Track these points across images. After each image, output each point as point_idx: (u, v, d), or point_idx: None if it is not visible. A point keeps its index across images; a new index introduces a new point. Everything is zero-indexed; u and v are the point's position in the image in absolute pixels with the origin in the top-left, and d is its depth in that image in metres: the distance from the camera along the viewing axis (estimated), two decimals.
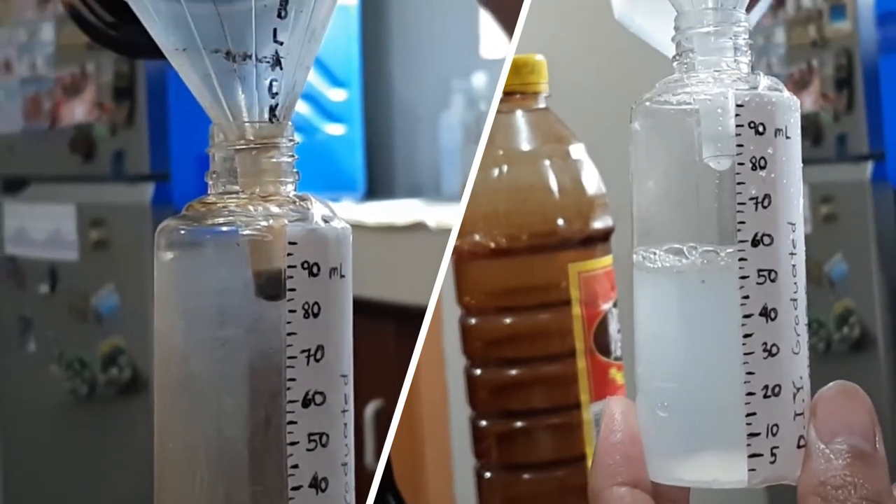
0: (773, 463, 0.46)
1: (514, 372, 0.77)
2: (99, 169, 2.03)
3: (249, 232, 0.45)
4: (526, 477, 0.77)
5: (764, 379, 0.46)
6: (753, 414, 0.46)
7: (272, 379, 0.45)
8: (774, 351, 0.46)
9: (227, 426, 0.46)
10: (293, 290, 0.45)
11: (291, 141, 0.47)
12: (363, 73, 2.48)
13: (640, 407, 0.48)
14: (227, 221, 0.46)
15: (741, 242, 0.46)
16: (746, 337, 0.46)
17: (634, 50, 0.59)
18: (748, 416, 0.46)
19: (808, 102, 1.92)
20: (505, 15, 0.78)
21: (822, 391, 0.47)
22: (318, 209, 0.46)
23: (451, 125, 2.30)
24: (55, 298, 2.11)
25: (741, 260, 0.46)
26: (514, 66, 0.79)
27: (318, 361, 0.45)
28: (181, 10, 0.46)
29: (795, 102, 0.47)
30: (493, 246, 0.77)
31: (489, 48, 2.29)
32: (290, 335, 0.44)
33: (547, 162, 0.77)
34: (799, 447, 0.46)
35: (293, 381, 0.44)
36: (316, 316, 0.45)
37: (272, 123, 0.47)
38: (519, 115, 0.79)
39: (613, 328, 0.77)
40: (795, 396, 0.46)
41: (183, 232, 0.46)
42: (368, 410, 1.73)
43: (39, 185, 2.16)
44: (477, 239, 0.77)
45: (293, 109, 0.47)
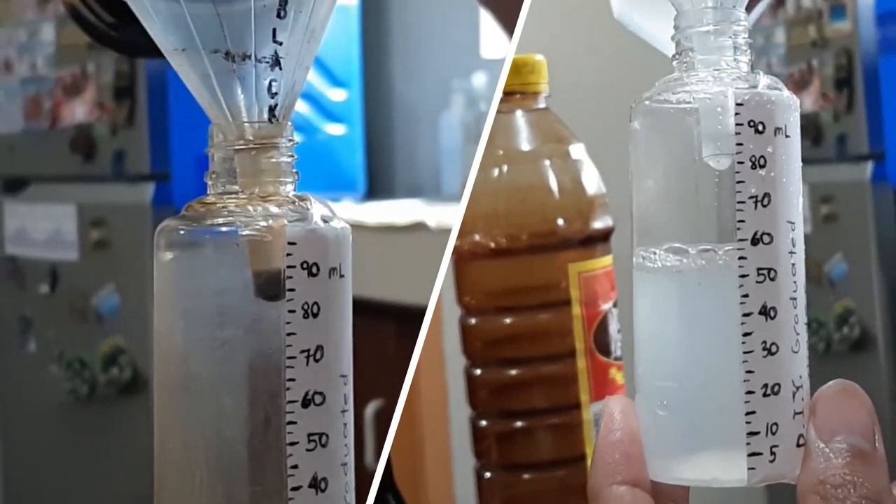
0: (772, 462, 0.46)
1: (514, 372, 0.77)
2: (99, 169, 2.03)
3: (249, 232, 0.45)
4: (526, 477, 0.77)
5: (763, 378, 0.46)
6: (753, 413, 0.46)
7: (272, 379, 0.45)
8: (774, 350, 0.46)
9: (226, 426, 0.46)
10: (293, 290, 0.44)
11: (291, 141, 0.47)
12: (363, 72, 2.48)
13: (639, 406, 0.48)
14: (226, 222, 0.46)
15: (741, 241, 0.46)
16: (746, 336, 0.46)
17: (634, 50, 0.59)
18: (748, 414, 0.46)
19: (808, 102, 1.92)
20: (505, 15, 0.78)
21: (821, 390, 0.47)
22: (317, 209, 0.46)
23: (451, 125, 2.30)
24: (55, 298, 2.11)
25: (741, 259, 0.46)
26: (514, 66, 0.79)
27: (317, 361, 0.45)
28: (180, 10, 0.46)
29: (795, 101, 0.47)
30: (493, 246, 0.77)
31: (489, 48, 2.29)
32: (289, 335, 0.44)
33: (547, 162, 0.77)
34: (798, 446, 0.46)
35: (293, 381, 0.44)
36: (315, 316, 0.45)
37: (271, 123, 0.47)
38: (519, 115, 0.79)
39: (613, 328, 0.77)
40: (795, 395, 0.46)
41: (182, 232, 0.46)
42: (368, 410, 1.73)
43: (40, 185, 2.16)
44: (477, 239, 0.77)
45: (292, 109, 0.47)
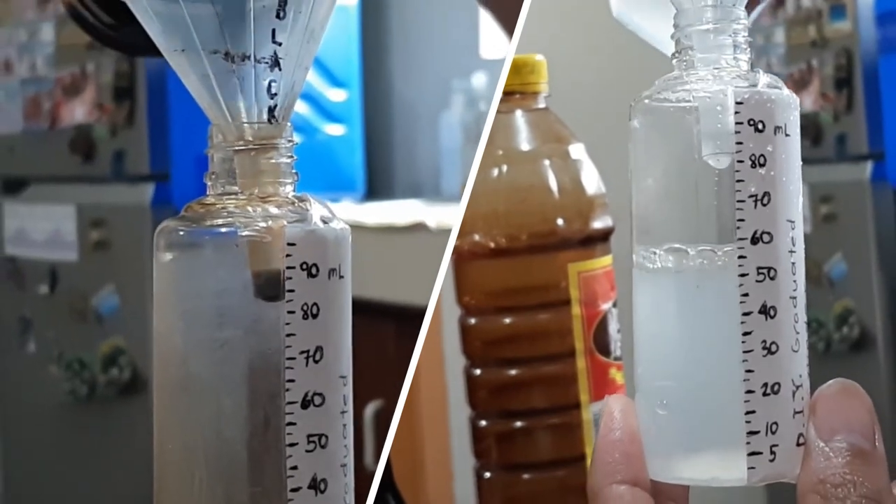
0: (772, 461, 0.46)
1: (513, 372, 0.77)
2: (99, 169, 2.03)
3: (248, 233, 0.45)
4: (526, 477, 0.76)
5: (763, 377, 0.46)
6: (753, 412, 0.46)
7: (271, 380, 0.45)
8: (774, 349, 0.46)
9: (226, 427, 0.46)
10: (292, 291, 0.44)
11: (290, 142, 0.47)
12: (363, 73, 2.48)
13: (639, 405, 0.48)
14: (226, 222, 0.46)
15: (740, 240, 0.46)
16: (746, 335, 0.46)
17: (634, 49, 0.59)
18: (747, 414, 0.46)
19: (807, 102, 1.92)
20: (505, 15, 0.78)
21: (821, 389, 0.47)
22: (316, 210, 0.46)
23: (450, 125, 2.30)
24: (55, 299, 2.11)
25: (740, 258, 0.46)
26: (513, 65, 0.78)
27: (317, 362, 0.45)
28: (180, 11, 0.46)
29: (795, 100, 0.47)
30: (492, 246, 0.77)
31: (489, 48, 2.29)
32: (289, 336, 0.44)
33: (546, 162, 0.77)
34: (798, 445, 0.46)
35: (292, 382, 0.44)
36: (315, 317, 0.45)
37: (271, 124, 0.47)
38: (519, 114, 0.79)
39: (613, 328, 0.76)
40: (795, 394, 0.46)
41: (182, 233, 0.46)
42: (368, 411, 1.73)
43: (39, 185, 2.16)
44: (477, 239, 0.77)
45: (292, 110, 0.47)
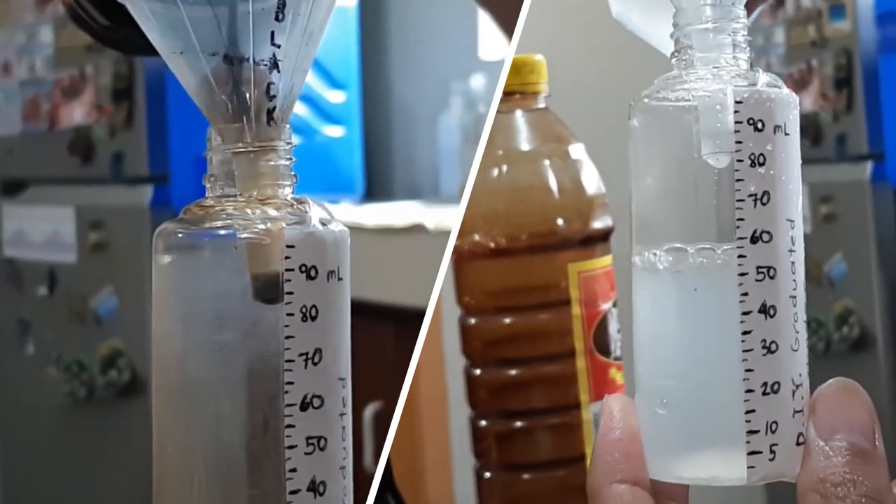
0: (772, 460, 0.46)
1: (513, 372, 0.77)
2: (98, 171, 2.03)
3: (247, 235, 0.45)
4: (526, 477, 0.76)
5: (763, 376, 0.46)
6: (752, 411, 0.46)
7: (270, 382, 0.45)
8: (773, 348, 0.46)
9: (225, 430, 0.46)
10: (291, 293, 0.44)
11: (289, 144, 0.47)
12: (362, 74, 2.48)
13: (639, 404, 0.48)
14: (224, 225, 0.46)
15: (740, 239, 0.46)
16: (745, 334, 0.46)
17: (634, 49, 0.59)
18: (747, 413, 0.46)
19: (807, 102, 1.92)
20: (503, 15, 0.78)
21: (821, 388, 0.47)
22: (315, 212, 0.46)
23: (449, 127, 2.30)
24: (54, 301, 2.11)
25: (740, 257, 0.46)
26: (513, 65, 0.78)
27: (315, 365, 0.45)
28: (178, 13, 0.46)
29: (794, 99, 0.47)
30: (492, 246, 0.77)
31: (488, 50, 2.29)
32: (287, 338, 0.44)
33: (546, 162, 0.77)
34: (798, 444, 0.46)
35: (291, 384, 0.44)
36: (314, 319, 0.45)
37: (270, 126, 0.47)
38: (519, 114, 0.79)
39: (613, 328, 0.76)
40: (794, 393, 0.46)
41: (181, 235, 0.46)
42: (367, 412, 1.72)
43: (38, 187, 2.16)
44: (477, 239, 0.77)
45: (291, 112, 0.47)
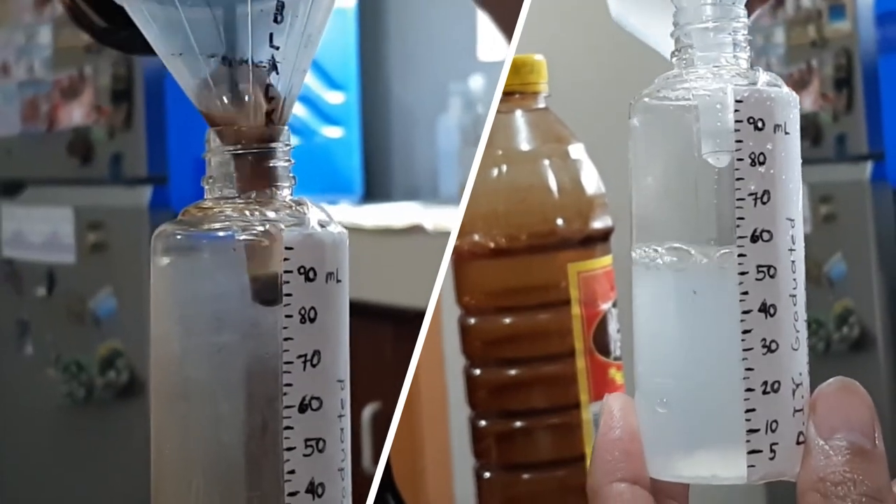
0: (772, 459, 0.46)
1: (513, 372, 0.77)
2: (96, 172, 2.03)
3: (246, 237, 0.45)
4: (525, 477, 0.76)
5: (763, 375, 0.46)
6: (753, 410, 0.45)
7: (269, 384, 0.45)
8: (774, 347, 0.46)
9: (223, 431, 0.46)
10: (289, 295, 0.44)
11: (288, 146, 0.47)
12: (361, 75, 2.48)
13: (639, 403, 0.48)
14: (223, 226, 0.46)
15: (740, 238, 0.46)
16: (745, 333, 0.45)
17: (634, 50, 0.59)
18: (747, 412, 0.45)
19: (807, 102, 1.92)
20: (502, 16, 0.78)
21: (821, 387, 0.47)
22: (314, 214, 0.46)
23: (448, 128, 2.30)
24: (52, 301, 2.11)
25: (740, 256, 0.46)
26: (513, 65, 0.78)
27: (314, 367, 0.45)
28: (177, 15, 0.46)
29: (794, 98, 0.47)
30: (492, 246, 0.77)
31: (487, 51, 2.29)
32: (286, 340, 0.44)
33: (546, 162, 0.77)
34: (798, 443, 0.46)
35: (290, 386, 0.44)
36: (312, 321, 0.45)
37: (268, 128, 0.47)
38: (518, 114, 0.79)
39: (613, 328, 0.76)
40: (795, 392, 0.46)
41: (179, 237, 0.46)
42: (366, 413, 1.72)
43: (37, 187, 2.16)
44: (476, 239, 0.77)
45: (290, 114, 0.47)
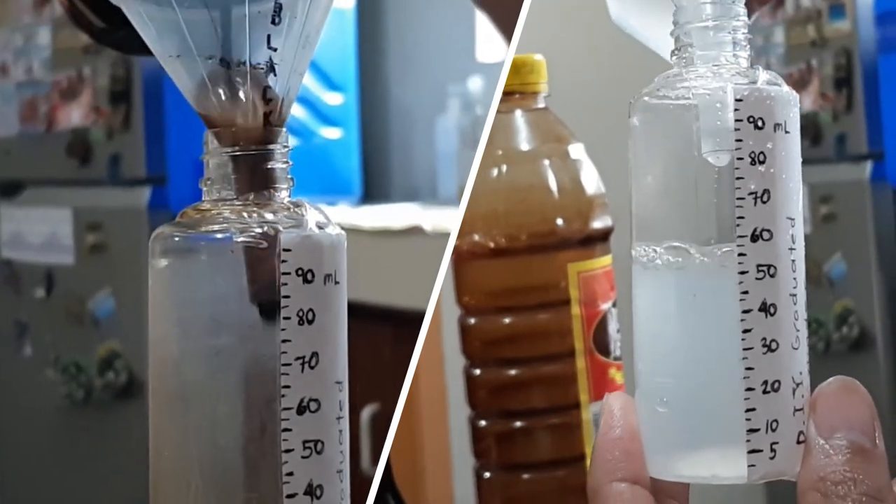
0: (772, 458, 0.46)
1: (513, 372, 0.77)
2: (95, 173, 2.03)
3: (244, 239, 0.45)
4: (525, 477, 0.76)
5: (763, 374, 0.45)
6: (753, 409, 0.45)
7: (267, 386, 0.45)
8: (774, 346, 0.46)
9: (221, 434, 0.46)
10: (287, 297, 0.44)
11: (286, 147, 0.47)
12: (359, 76, 2.48)
13: (639, 403, 0.48)
14: (221, 228, 0.46)
15: (740, 237, 0.45)
16: (746, 332, 0.45)
17: (634, 49, 0.59)
18: (747, 411, 0.45)
19: (807, 102, 1.92)
20: (501, 16, 0.78)
21: (821, 386, 0.47)
22: (312, 216, 0.46)
23: (447, 129, 2.30)
24: (51, 302, 2.11)
25: (740, 255, 0.46)
26: (513, 65, 0.78)
27: (312, 368, 0.45)
28: (174, 16, 0.46)
29: (795, 97, 0.47)
30: (492, 246, 0.76)
31: (485, 52, 2.29)
32: (284, 342, 0.44)
33: (546, 162, 0.77)
34: (798, 443, 0.46)
35: (288, 388, 0.44)
36: (310, 323, 0.45)
37: (266, 130, 0.47)
38: (518, 114, 0.79)
39: (613, 328, 0.76)
40: (795, 392, 0.46)
41: (177, 239, 0.46)
42: (365, 414, 1.72)
43: (36, 188, 2.16)
44: (476, 239, 0.77)
45: (287, 116, 0.47)
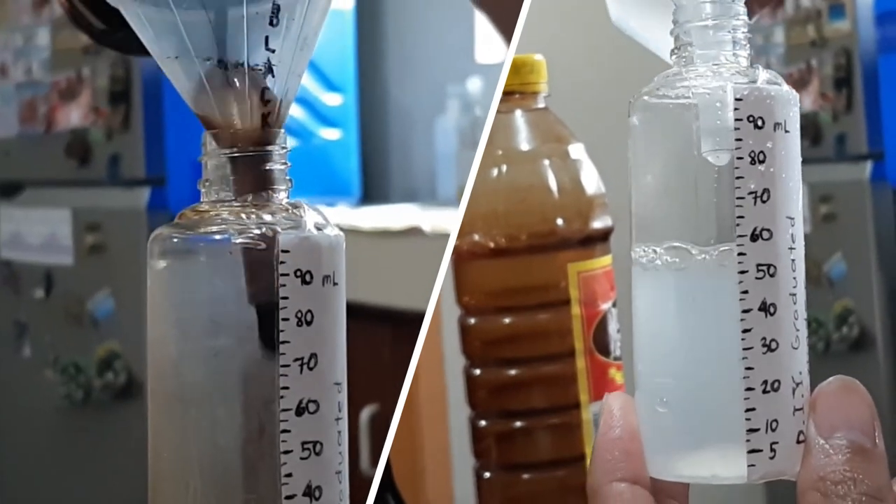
0: (772, 458, 0.46)
1: (513, 372, 0.76)
2: (94, 173, 2.03)
3: (242, 240, 0.45)
4: (525, 477, 0.76)
5: (763, 374, 0.45)
6: (752, 409, 0.45)
7: (266, 387, 0.45)
8: (773, 346, 0.45)
9: (220, 435, 0.46)
10: (286, 298, 0.44)
11: (284, 149, 0.47)
12: (359, 77, 2.48)
13: (639, 403, 0.48)
14: (219, 230, 0.46)
15: (740, 237, 0.45)
16: (745, 332, 0.45)
17: (634, 49, 0.59)
18: (747, 411, 0.45)
19: (807, 102, 1.92)
20: (500, 16, 0.77)
21: (821, 386, 0.47)
22: (310, 217, 0.46)
23: (446, 130, 2.30)
24: (50, 303, 2.11)
25: (740, 255, 0.45)
26: (513, 65, 0.78)
27: (311, 370, 0.45)
28: (172, 17, 0.46)
29: (794, 96, 0.47)
30: (492, 246, 0.76)
31: (485, 53, 2.29)
32: (282, 343, 0.44)
33: (546, 162, 0.77)
34: (798, 442, 0.46)
35: (286, 389, 0.44)
36: (309, 324, 0.45)
37: (264, 131, 0.47)
38: (518, 114, 0.79)
39: (613, 328, 0.76)
40: (795, 391, 0.46)
41: (176, 240, 0.46)
42: (364, 415, 1.72)
43: (35, 189, 2.16)
44: (476, 239, 0.77)
45: (286, 117, 0.48)
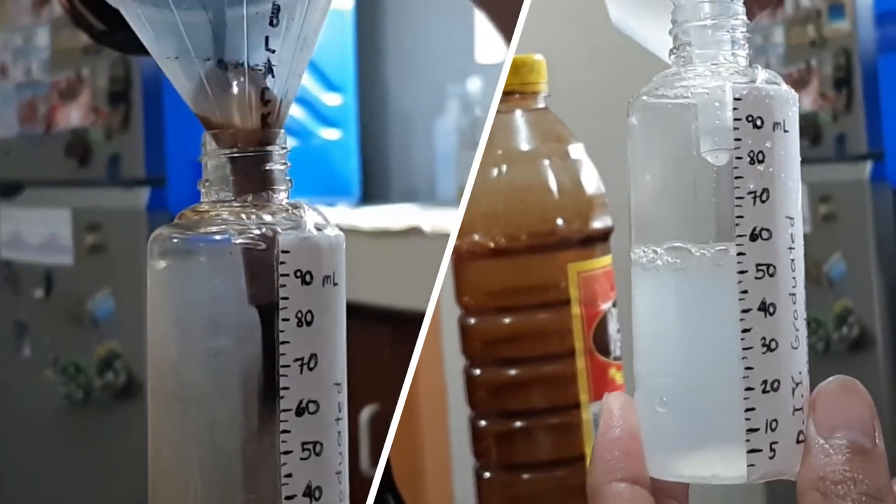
0: (772, 458, 0.46)
1: (513, 372, 0.76)
2: (94, 173, 2.03)
3: (242, 240, 0.45)
4: (525, 477, 0.76)
5: (763, 374, 0.45)
6: (752, 409, 0.45)
7: (265, 388, 0.45)
8: (773, 346, 0.45)
9: (220, 435, 0.46)
10: (286, 298, 0.44)
11: (284, 149, 0.47)
12: (358, 77, 2.48)
13: (639, 403, 0.48)
14: (219, 230, 0.46)
15: (739, 237, 0.45)
16: (745, 332, 0.45)
17: (634, 49, 0.59)
18: (747, 411, 0.45)
19: (806, 102, 1.92)
20: (500, 16, 0.77)
21: (821, 386, 0.47)
22: (310, 217, 0.46)
23: (446, 130, 2.30)
24: (50, 303, 2.11)
25: (739, 255, 0.45)
26: (513, 65, 0.78)
27: (311, 370, 0.45)
28: (172, 18, 0.46)
29: (794, 96, 0.47)
30: (492, 246, 0.76)
31: (484, 53, 2.29)
32: (283, 344, 0.44)
33: (546, 162, 0.77)
34: (798, 442, 0.46)
35: (286, 389, 0.44)
36: (309, 324, 0.45)
37: (264, 131, 0.47)
38: (518, 114, 0.79)
39: (613, 328, 0.76)
40: (794, 391, 0.46)
41: (176, 240, 0.46)
42: (363, 416, 1.72)
43: (35, 189, 2.16)
44: (476, 239, 0.77)
45: (286, 117, 0.48)
